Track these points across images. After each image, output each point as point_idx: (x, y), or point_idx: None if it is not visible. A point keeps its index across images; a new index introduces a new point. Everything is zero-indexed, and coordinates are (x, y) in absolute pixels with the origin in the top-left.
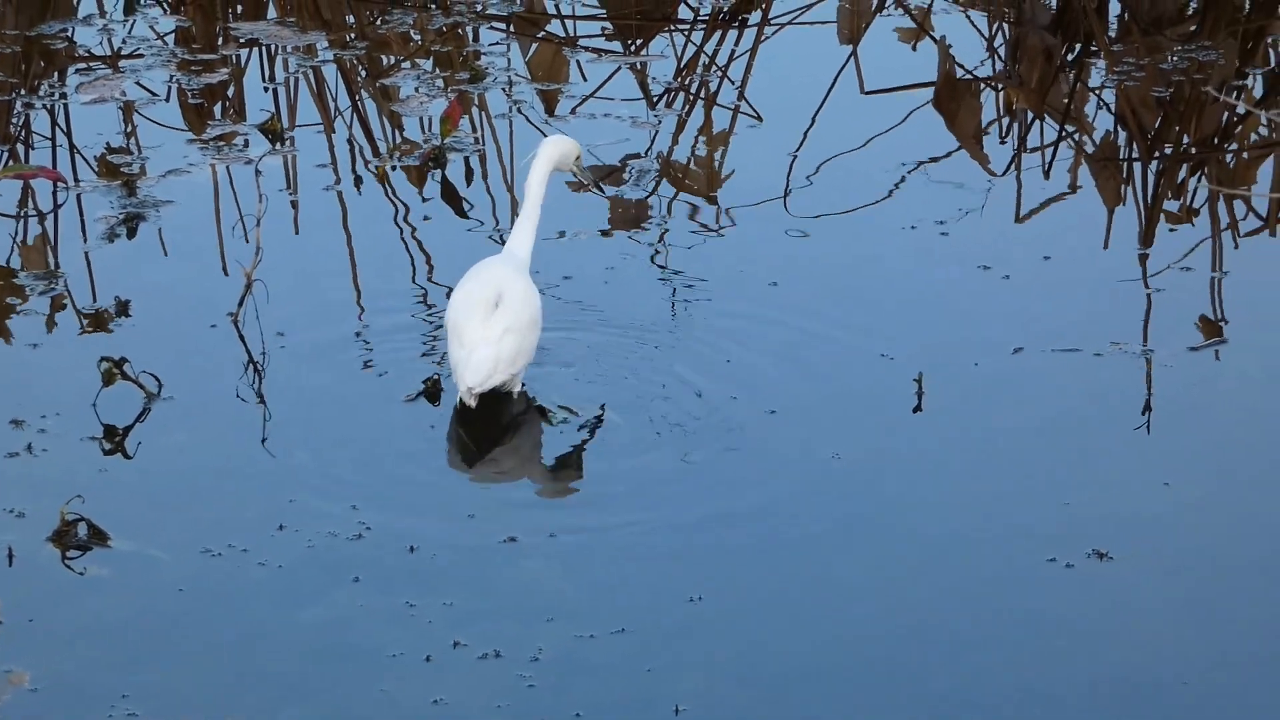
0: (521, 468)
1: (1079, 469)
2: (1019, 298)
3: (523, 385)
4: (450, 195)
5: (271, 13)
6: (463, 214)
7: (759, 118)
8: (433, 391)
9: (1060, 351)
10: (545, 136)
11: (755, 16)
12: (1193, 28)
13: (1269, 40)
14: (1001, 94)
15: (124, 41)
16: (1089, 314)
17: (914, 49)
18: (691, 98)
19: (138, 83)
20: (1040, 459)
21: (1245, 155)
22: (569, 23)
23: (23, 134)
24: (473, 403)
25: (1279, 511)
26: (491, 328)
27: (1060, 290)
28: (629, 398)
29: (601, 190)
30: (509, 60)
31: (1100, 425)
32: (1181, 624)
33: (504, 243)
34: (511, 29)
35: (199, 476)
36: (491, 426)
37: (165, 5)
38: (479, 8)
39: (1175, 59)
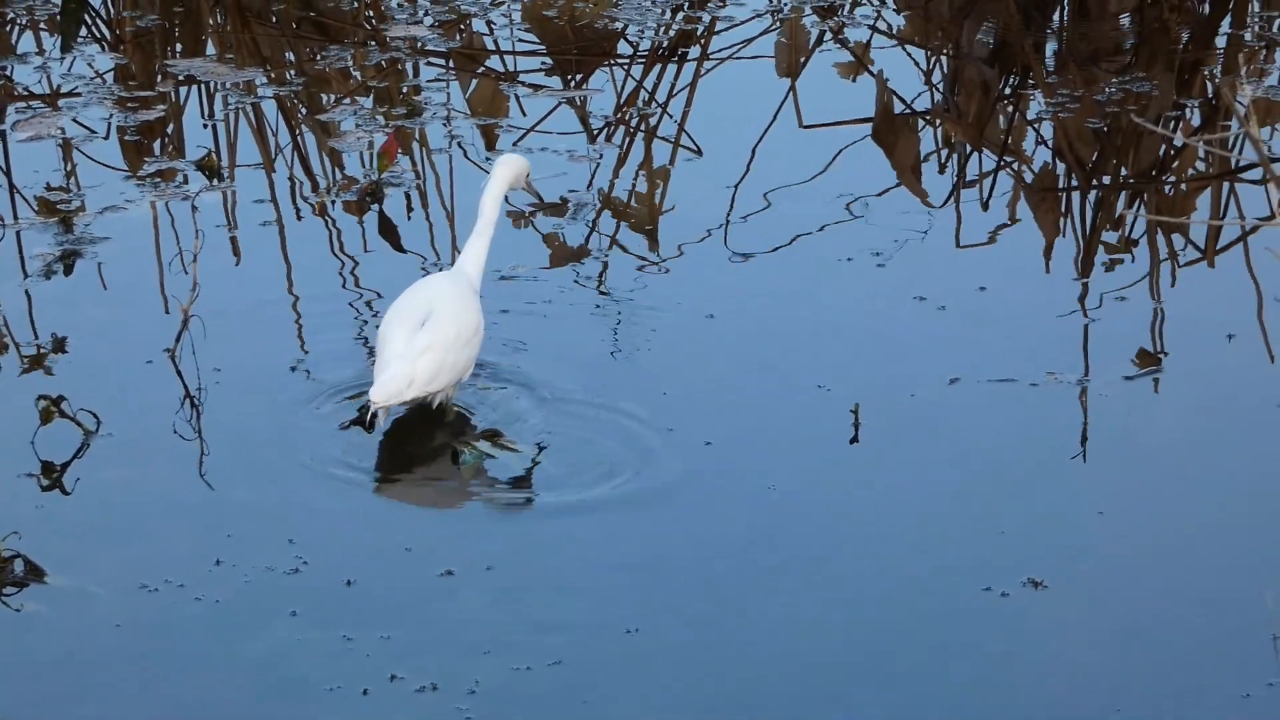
0: (458, 500)
1: (1015, 499)
2: (955, 329)
3: (456, 406)
4: (388, 230)
5: (210, 50)
6: (400, 248)
7: (698, 152)
8: (367, 421)
9: (996, 382)
10: (485, 170)
11: (694, 51)
12: (1129, 60)
13: (1205, 72)
14: (939, 127)
15: (62, 79)
16: (1025, 345)
17: (853, 82)
18: (631, 132)
19: (75, 120)
20: (976, 489)
21: (1183, 186)
22: (508, 58)
23: None
24: (382, 418)
25: (1213, 541)
26: (412, 345)
27: (996, 321)
28: (565, 429)
29: (544, 203)
30: (448, 95)
31: (1036, 455)
32: (1116, 653)
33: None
34: (451, 65)
35: (136, 512)
36: (429, 458)
37: (103, 43)
38: (418, 44)
39: (1112, 91)
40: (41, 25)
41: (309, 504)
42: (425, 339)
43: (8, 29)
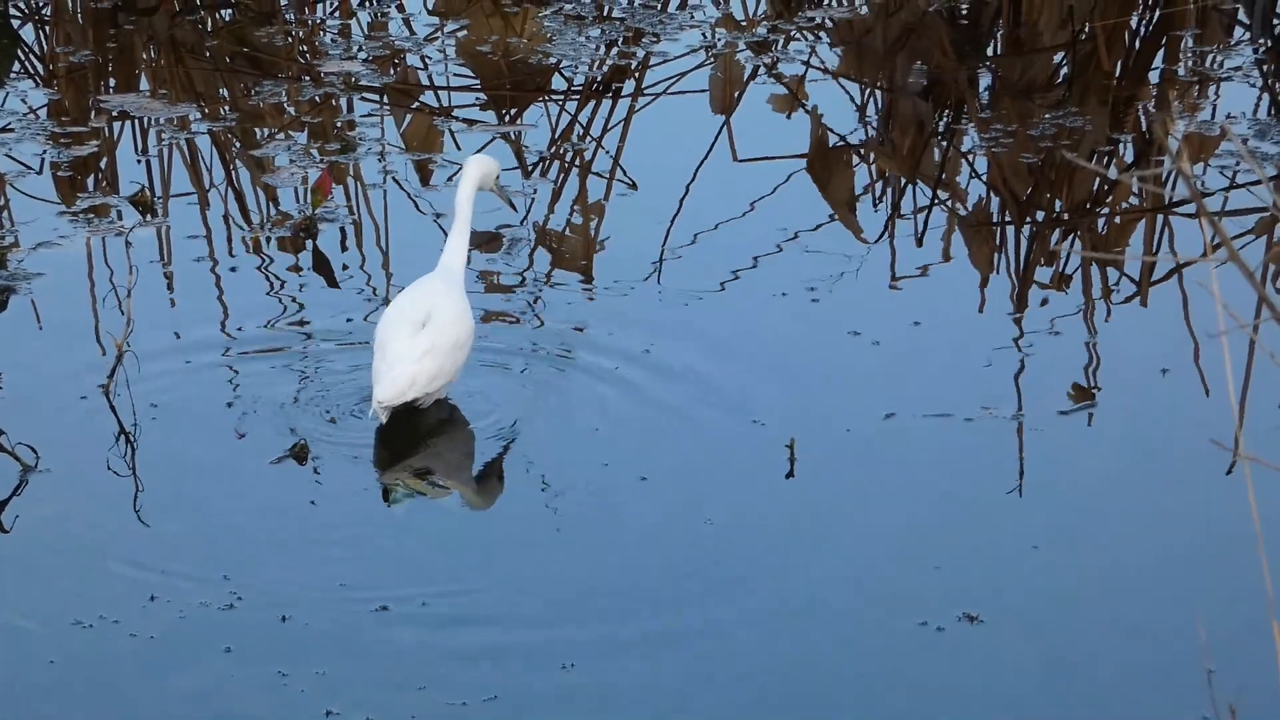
0: (392, 535)
1: (950, 533)
2: (890, 364)
3: (447, 399)
4: (322, 264)
5: (144, 85)
6: (334, 283)
7: (633, 186)
8: (300, 454)
9: (931, 417)
10: (419, 204)
11: (629, 86)
12: (1063, 95)
13: (1139, 107)
14: (874, 162)
15: None
16: (960, 380)
17: (787, 117)
18: (566, 167)
19: (8, 155)
20: (911, 523)
21: (1116, 221)
22: (443, 94)
23: None
24: (384, 417)
25: (1146, 575)
26: (414, 346)
27: (931, 356)
28: (499, 469)
29: (515, 208)
30: (382, 130)
31: (971, 490)
32: (1051, 686)
33: (381, 311)
34: (385, 100)
35: (69, 547)
36: (362, 495)
37: (37, 78)
38: (352, 79)
39: (1046, 126)
40: None
41: (243, 539)
42: (427, 341)
43: None
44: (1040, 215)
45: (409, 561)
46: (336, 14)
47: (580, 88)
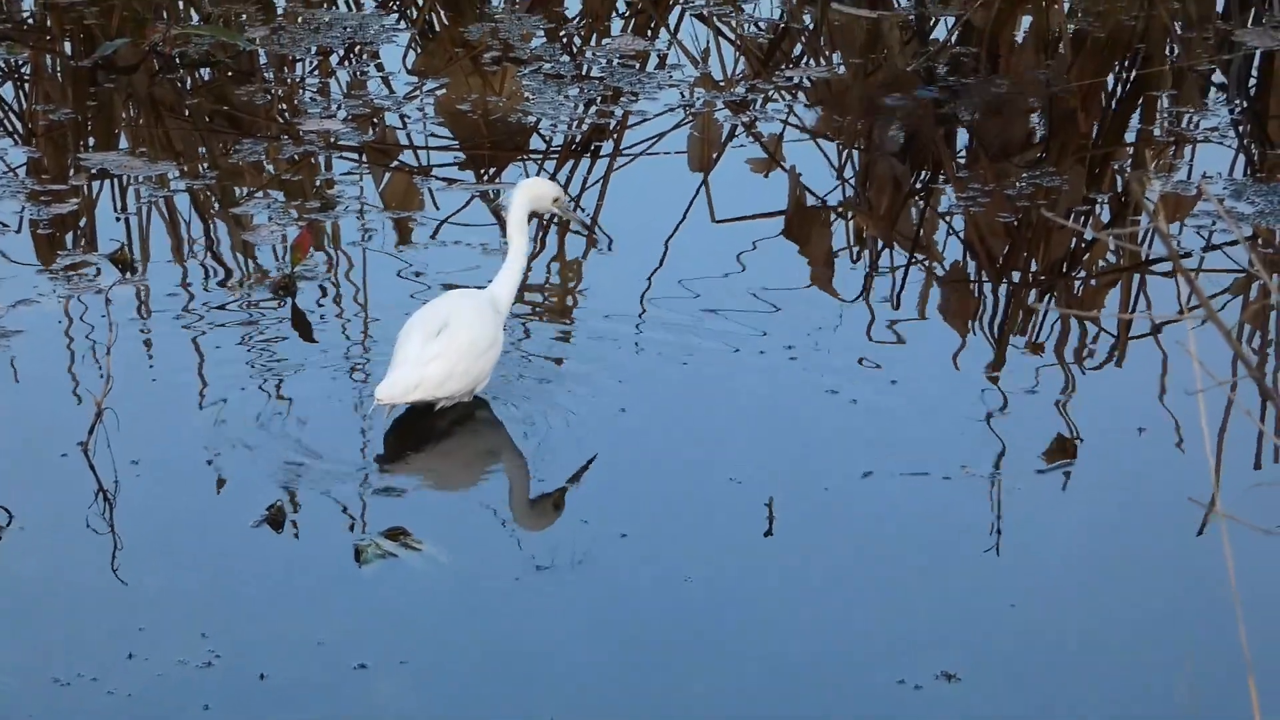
0: (370, 594)
1: (928, 591)
2: (868, 422)
3: (475, 398)
4: (300, 322)
5: (123, 144)
6: (312, 340)
7: (610, 245)
8: (276, 517)
9: (909, 476)
10: (400, 260)
11: (607, 146)
12: (1039, 155)
13: (1115, 167)
14: (851, 221)
15: None
16: (937, 438)
17: (765, 177)
18: (544, 225)
19: None
20: (889, 581)
21: (1093, 280)
22: (421, 152)
23: None
24: (385, 414)
25: (1124, 634)
26: (425, 351)
27: (908, 415)
28: (476, 524)
29: (589, 229)
30: (361, 189)
31: (948, 548)
32: None
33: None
34: (364, 158)
35: (48, 605)
36: (336, 555)
37: (15, 136)
38: (331, 137)
39: (1022, 186)
40: None
41: (222, 597)
42: (438, 347)
43: None
44: (1017, 274)
45: (387, 620)
46: (316, 73)
47: (559, 147)
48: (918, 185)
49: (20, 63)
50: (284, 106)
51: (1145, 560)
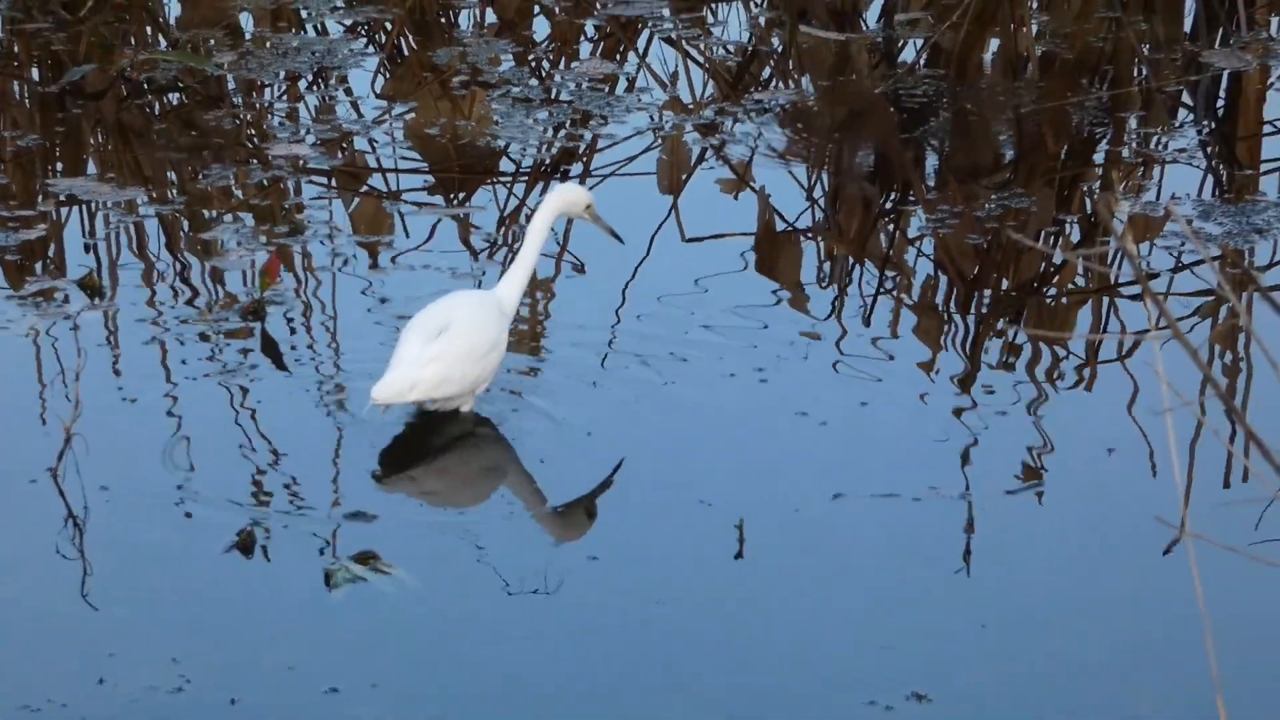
0: (340, 618)
1: (898, 612)
2: (838, 444)
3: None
4: (270, 347)
5: (91, 169)
6: (283, 366)
7: (581, 268)
8: (246, 543)
9: (879, 497)
10: (370, 286)
11: (577, 169)
12: (1008, 176)
13: (1084, 188)
14: (821, 243)
15: None
16: (907, 460)
17: (735, 200)
18: (514, 249)
19: None
20: (860, 603)
21: (1063, 301)
22: (391, 176)
23: None
24: (381, 411)
25: (1095, 655)
26: (423, 352)
27: (879, 436)
28: (446, 548)
29: (619, 239)
30: (331, 213)
31: (919, 569)
32: None
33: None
34: (333, 183)
35: (18, 632)
36: (306, 579)
37: None
38: (300, 162)
39: (991, 207)
40: None
41: (192, 622)
42: (436, 349)
43: None
44: (987, 296)
45: (358, 644)
46: (284, 97)
47: (528, 170)
48: (887, 207)
49: None
50: (252, 131)
51: (1115, 580)
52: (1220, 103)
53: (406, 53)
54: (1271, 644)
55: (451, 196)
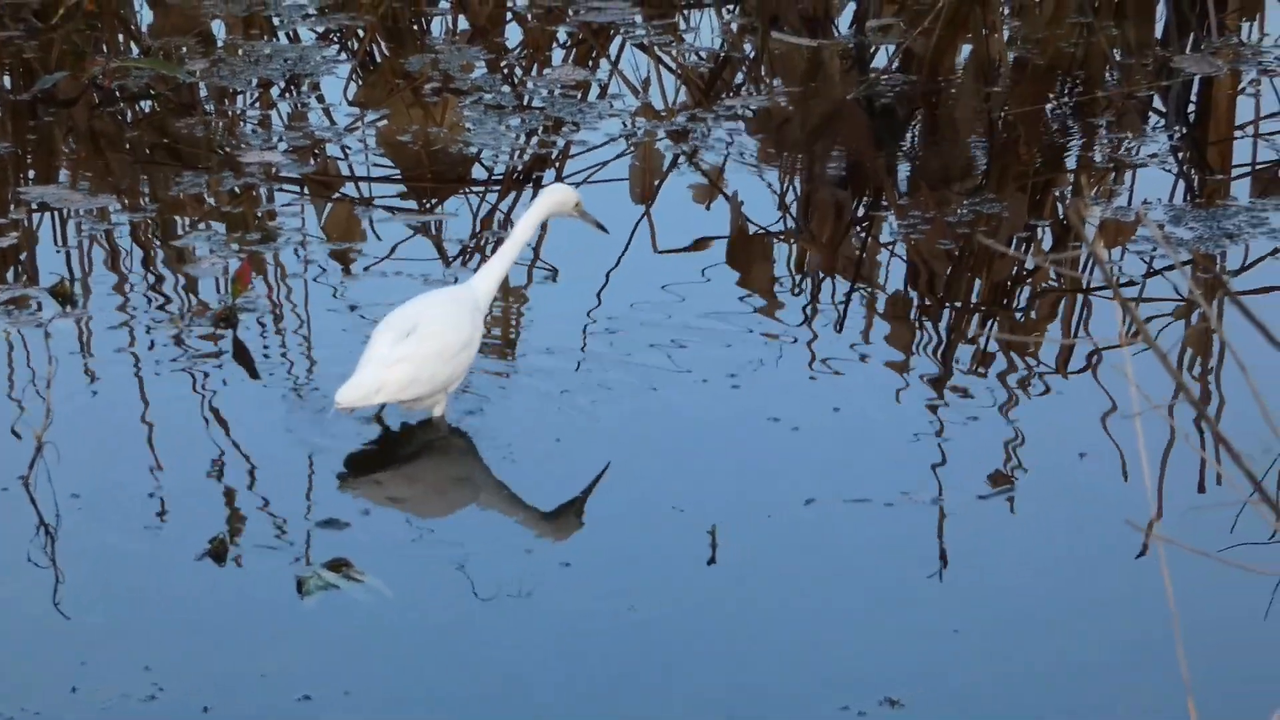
0: (314, 626)
1: (871, 617)
2: (810, 450)
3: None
4: (242, 355)
5: (63, 177)
6: (255, 373)
7: (554, 276)
8: (219, 550)
9: (851, 502)
10: (342, 292)
11: (549, 175)
12: (980, 182)
13: (1056, 193)
14: (794, 249)
15: None
16: (880, 465)
17: (708, 207)
18: (486, 256)
19: None
20: (832, 608)
21: (1036, 306)
22: (363, 183)
23: None
24: (348, 414)
25: (1067, 658)
26: (390, 353)
27: (851, 442)
28: (419, 554)
29: (605, 229)
30: (303, 220)
31: (891, 574)
32: None
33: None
34: (305, 190)
35: None
36: (279, 587)
37: None
38: (272, 169)
39: (963, 213)
40: None
41: (165, 629)
42: (404, 349)
43: None
44: (959, 301)
45: (331, 651)
46: (257, 104)
47: (501, 177)
48: (859, 213)
49: None
50: (225, 139)
51: (1087, 584)
52: (1191, 108)
53: (379, 60)
54: (1242, 647)
55: (424, 203)
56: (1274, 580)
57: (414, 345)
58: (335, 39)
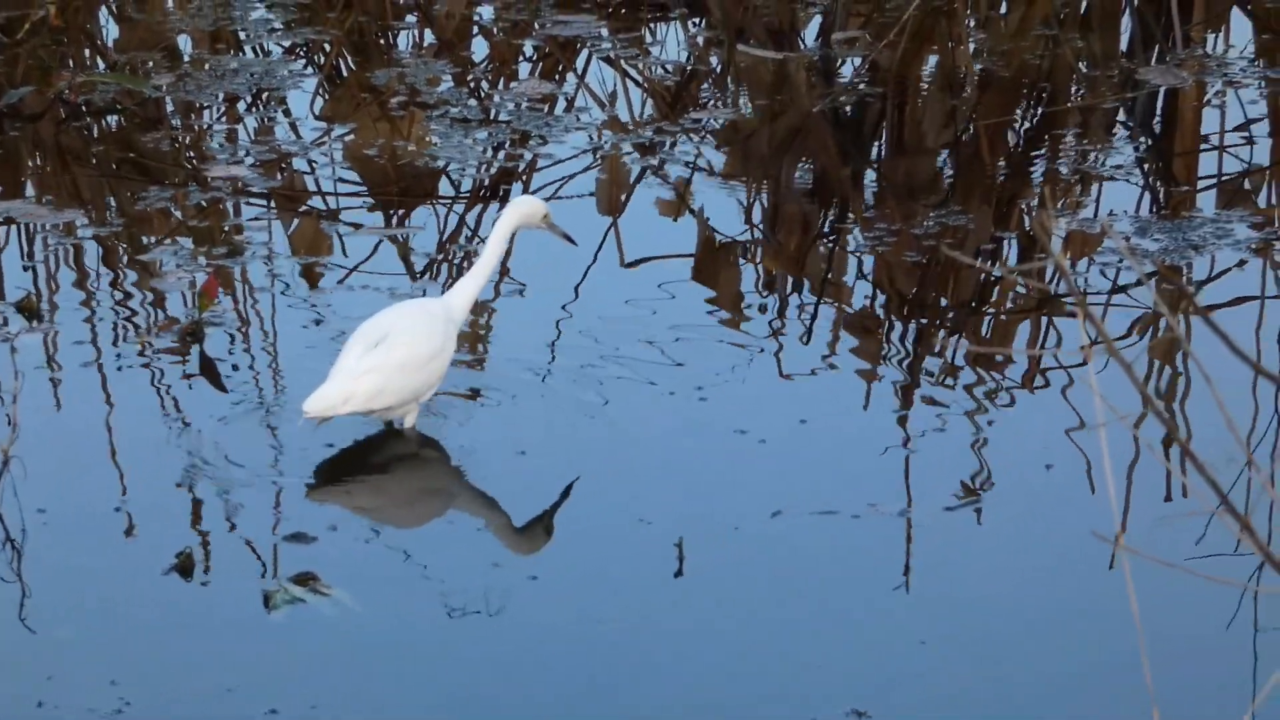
0: (280, 641)
1: (837, 629)
2: (777, 462)
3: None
4: (208, 369)
5: (30, 191)
6: (222, 387)
7: (521, 289)
8: (185, 565)
9: (818, 514)
10: (309, 307)
11: (516, 189)
12: (946, 194)
13: (1022, 205)
14: (761, 262)
15: None
16: (846, 477)
17: (675, 219)
18: (454, 270)
19: None
20: (799, 620)
21: (1002, 318)
22: (330, 197)
23: None
24: (316, 425)
25: (1033, 670)
26: (359, 364)
27: (818, 454)
28: (384, 568)
29: (573, 241)
30: (270, 235)
31: (858, 586)
32: None
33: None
34: (272, 204)
35: None
36: (246, 602)
37: None
38: (239, 183)
39: (930, 225)
40: None
41: (131, 644)
42: (373, 359)
43: None
44: (926, 313)
45: (297, 665)
46: (223, 119)
47: (468, 191)
48: (826, 225)
49: None
50: (191, 153)
51: (1053, 595)
52: (1157, 119)
53: (345, 74)
54: (1207, 657)
55: (390, 217)
56: (1239, 591)
57: (382, 355)
58: (301, 53)
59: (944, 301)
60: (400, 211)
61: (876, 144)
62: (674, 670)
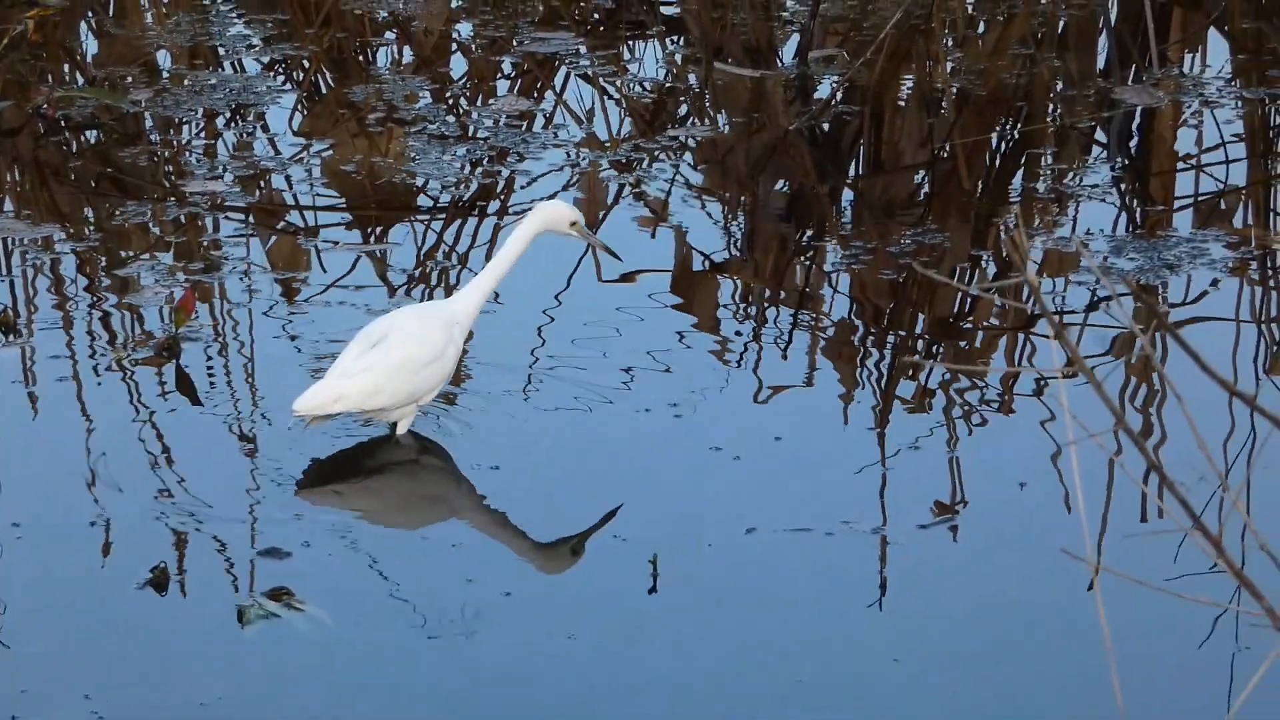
0: (255, 654)
1: (811, 646)
2: (751, 479)
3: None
4: (185, 384)
5: (7, 206)
6: (197, 401)
7: (497, 304)
8: (160, 579)
9: (792, 532)
10: (286, 322)
11: (494, 205)
12: (923, 212)
13: (998, 223)
14: (737, 278)
15: None
16: (821, 494)
17: (652, 236)
18: (431, 286)
19: None
20: (773, 638)
21: (978, 336)
22: (308, 213)
23: None
24: (305, 425)
25: (1006, 687)
26: (355, 363)
27: (792, 471)
28: (358, 583)
29: (614, 254)
30: (247, 250)
31: (832, 603)
32: None
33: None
34: (250, 220)
35: None
36: (221, 616)
37: None
38: (217, 199)
39: (906, 243)
40: None
41: (105, 658)
42: (368, 360)
43: None
44: (901, 331)
45: (270, 681)
46: (202, 134)
47: (445, 207)
48: (803, 244)
49: None
50: (169, 168)
51: (1026, 614)
52: (1133, 139)
53: (324, 90)
54: (1177, 677)
55: (369, 233)
56: (1212, 610)
57: (379, 355)
58: (280, 69)
59: (920, 319)
60: (378, 227)
61: (854, 162)
62: (647, 686)
